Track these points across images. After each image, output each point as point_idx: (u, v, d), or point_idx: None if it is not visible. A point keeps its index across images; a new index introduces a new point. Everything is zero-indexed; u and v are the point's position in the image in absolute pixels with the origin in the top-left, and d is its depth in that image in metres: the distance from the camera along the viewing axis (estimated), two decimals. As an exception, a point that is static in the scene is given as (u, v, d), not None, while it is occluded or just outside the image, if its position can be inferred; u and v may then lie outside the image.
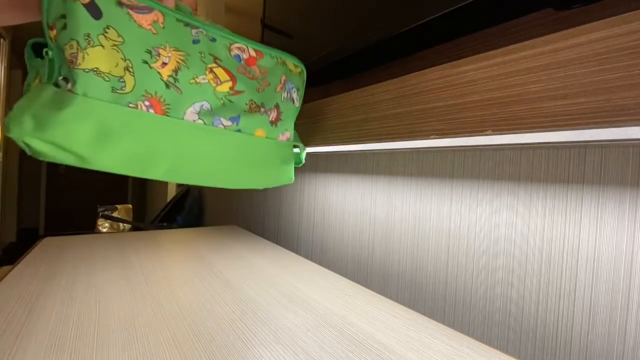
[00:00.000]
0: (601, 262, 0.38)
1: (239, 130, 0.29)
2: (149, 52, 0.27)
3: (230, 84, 0.30)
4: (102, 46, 0.26)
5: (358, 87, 0.49)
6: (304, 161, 0.37)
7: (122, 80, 0.26)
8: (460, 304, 0.52)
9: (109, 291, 0.51)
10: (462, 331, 0.47)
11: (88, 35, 0.25)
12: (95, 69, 0.25)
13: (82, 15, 0.25)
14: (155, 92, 0.27)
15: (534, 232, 0.44)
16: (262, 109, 0.31)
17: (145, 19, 0.27)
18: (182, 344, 0.38)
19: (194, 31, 0.29)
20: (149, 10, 0.27)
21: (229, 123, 0.30)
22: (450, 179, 0.54)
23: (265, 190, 1.14)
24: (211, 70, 0.29)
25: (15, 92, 3.52)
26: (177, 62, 0.28)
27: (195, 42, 0.29)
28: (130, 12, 0.26)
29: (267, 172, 0.32)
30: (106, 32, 0.26)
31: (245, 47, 0.31)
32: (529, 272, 0.44)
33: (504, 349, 0.46)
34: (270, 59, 0.32)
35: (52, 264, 0.64)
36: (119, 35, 0.26)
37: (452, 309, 0.53)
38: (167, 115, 0.27)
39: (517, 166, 0.46)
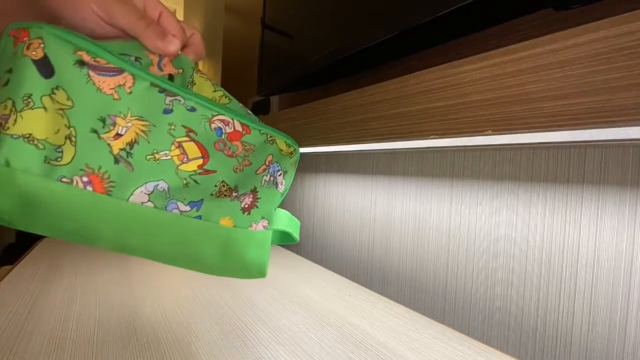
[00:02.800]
0: (601, 262, 0.38)
1: (199, 217, 0.25)
2: (103, 120, 0.23)
3: (200, 161, 0.25)
4: (45, 108, 0.22)
5: (358, 87, 0.49)
6: (298, 239, 0.32)
7: (59, 149, 0.22)
8: (460, 304, 0.52)
9: (109, 291, 0.51)
10: (462, 331, 0.47)
11: (29, 96, 0.22)
12: (28, 135, 0.22)
13: (30, 72, 0.22)
14: (99, 167, 0.23)
15: (534, 232, 0.44)
16: (234, 194, 0.26)
17: (108, 82, 0.23)
18: (182, 344, 0.38)
19: (168, 99, 0.25)
20: (118, 72, 0.24)
21: (186, 208, 0.25)
22: (450, 179, 0.54)
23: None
24: (179, 145, 0.25)
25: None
26: (137, 133, 0.24)
27: (166, 111, 0.25)
28: (91, 73, 0.23)
29: (228, 266, 0.27)
30: (54, 93, 0.22)
31: (230, 120, 0.27)
32: (529, 272, 0.44)
33: (504, 349, 0.46)
34: (259, 135, 0.28)
35: (52, 264, 0.64)
36: (69, 99, 0.23)
37: (452, 309, 0.53)
38: (108, 195, 0.23)
39: (517, 166, 0.46)
